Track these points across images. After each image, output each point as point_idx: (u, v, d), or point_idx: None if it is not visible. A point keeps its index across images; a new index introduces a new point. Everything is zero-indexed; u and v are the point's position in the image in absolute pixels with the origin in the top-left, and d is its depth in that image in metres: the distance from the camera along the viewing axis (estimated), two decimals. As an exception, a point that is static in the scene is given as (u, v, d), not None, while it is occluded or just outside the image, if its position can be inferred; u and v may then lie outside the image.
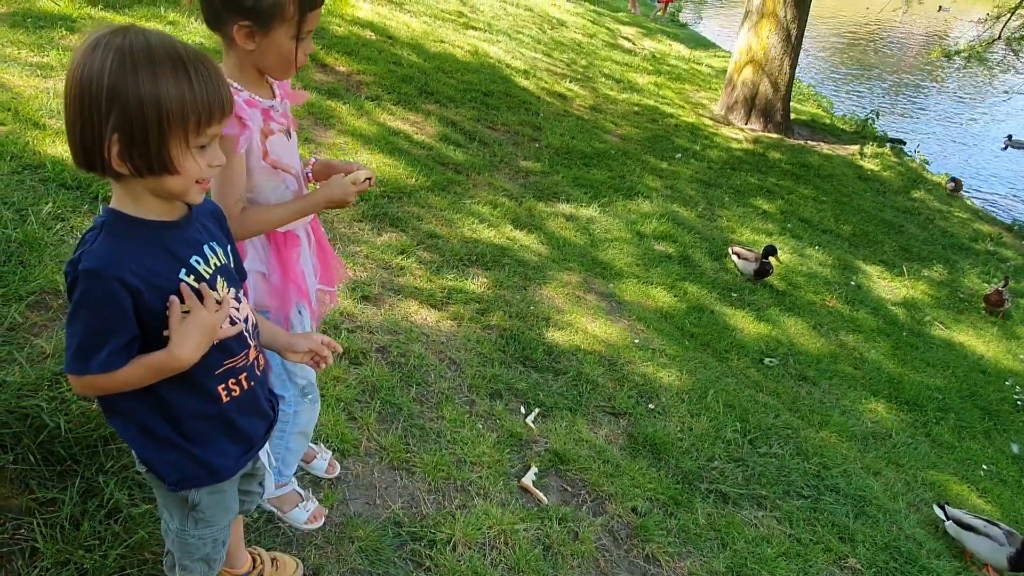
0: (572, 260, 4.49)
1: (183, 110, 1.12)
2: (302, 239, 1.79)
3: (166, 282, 1.20)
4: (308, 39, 1.60)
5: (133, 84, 1.09)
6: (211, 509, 1.39)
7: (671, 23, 15.04)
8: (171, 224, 1.24)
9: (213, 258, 1.29)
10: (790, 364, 4.42)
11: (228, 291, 1.31)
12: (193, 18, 5.56)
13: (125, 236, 1.18)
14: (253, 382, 1.38)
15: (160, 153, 1.13)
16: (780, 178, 7.64)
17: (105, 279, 1.13)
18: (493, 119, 6.29)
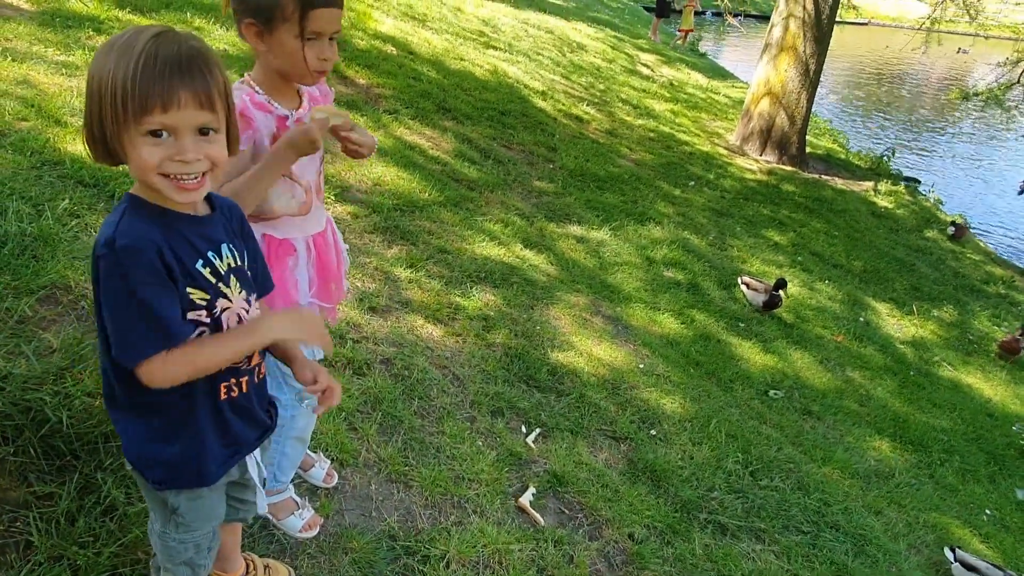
0: (581, 282, 4.49)
1: (114, 95, 1.09)
2: (299, 250, 1.77)
3: (186, 268, 1.19)
4: (323, 42, 1.58)
5: (91, 71, 1.12)
6: (191, 514, 1.37)
7: (690, 52, 15.14)
8: (191, 217, 1.23)
9: (228, 258, 1.28)
10: (795, 397, 4.38)
11: (240, 292, 1.29)
12: (218, 24, 5.64)
13: (148, 219, 1.17)
14: (251, 388, 1.37)
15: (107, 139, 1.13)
16: (793, 211, 7.64)
17: (146, 253, 1.12)
18: (509, 138, 6.34)
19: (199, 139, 1.14)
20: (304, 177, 1.72)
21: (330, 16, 1.57)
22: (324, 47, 1.58)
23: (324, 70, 1.61)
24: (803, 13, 8.54)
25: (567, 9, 13.96)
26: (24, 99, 3.46)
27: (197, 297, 1.20)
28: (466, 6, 10.18)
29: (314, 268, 1.82)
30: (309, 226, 1.78)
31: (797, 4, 8.56)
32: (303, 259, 1.78)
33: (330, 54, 1.60)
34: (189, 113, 1.11)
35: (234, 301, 1.28)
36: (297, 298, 1.79)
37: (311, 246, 1.80)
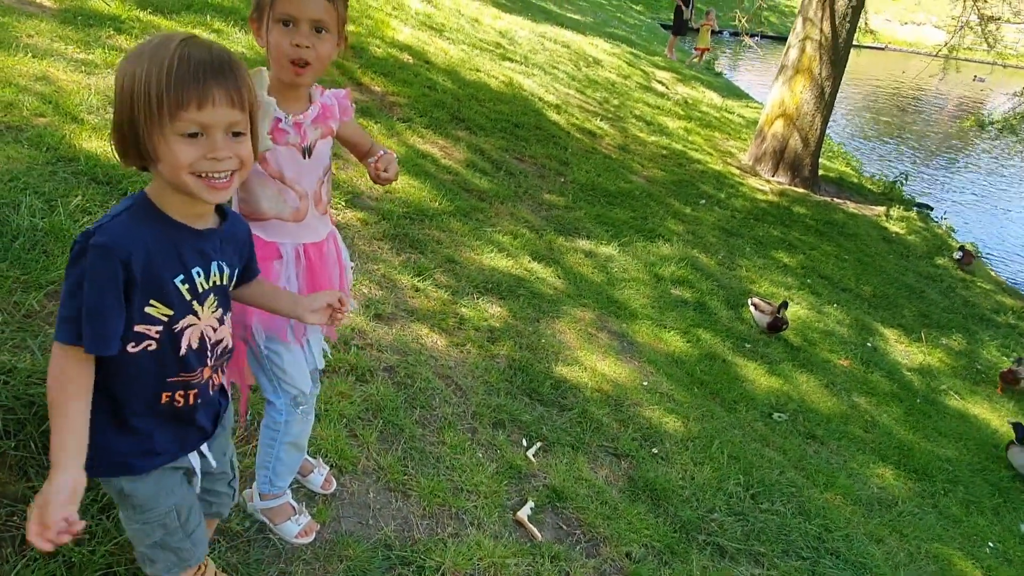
0: (588, 297, 4.48)
1: (147, 96, 1.12)
2: (287, 256, 1.74)
3: (161, 281, 1.21)
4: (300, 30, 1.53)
5: (119, 74, 1.15)
6: (140, 495, 1.35)
7: (706, 71, 15.17)
8: (190, 231, 1.25)
9: (215, 276, 1.30)
10: (799, 421, 4.35)
11: (216, 311, 1.33)
12: (237, 28, 5.69)
13: (143, 224, 1.20)
14: (200, 400, 1.37)
15: (139, 140, 1.15)
16: (803, 233, 7.62)
17: (111, 256, 1.14)
18: (521, 150, 6.35)
19: (230, 139, 1.18)
20: (300, 184, 1.70)
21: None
22: (300, 34, 1.53)
23: (297, 57, 1.54)
24: (820, 36, 8.55)
25: (584, 24, 14.02)
26: (42, 95, 3.50)
27: (158, 312, 1.22)
28: (484, 17, 10.23)
29: (304, 278, 1.79)
30: (302, 234, 1.75)
31: (814, 27, 8.57)
32: (290, 266, 1.75)
33: (306, 41, 1.53)
34: (222, 111, 1.15)
35: (202, 319, 1.30)
36: None
37: (301, 255, 1.77)
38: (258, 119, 1.25)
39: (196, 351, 1.31)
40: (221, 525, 1.99)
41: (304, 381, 1.88)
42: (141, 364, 1.25)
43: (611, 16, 17.74)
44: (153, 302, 1.21)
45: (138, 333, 1.21)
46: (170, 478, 1.40)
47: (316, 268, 1.80)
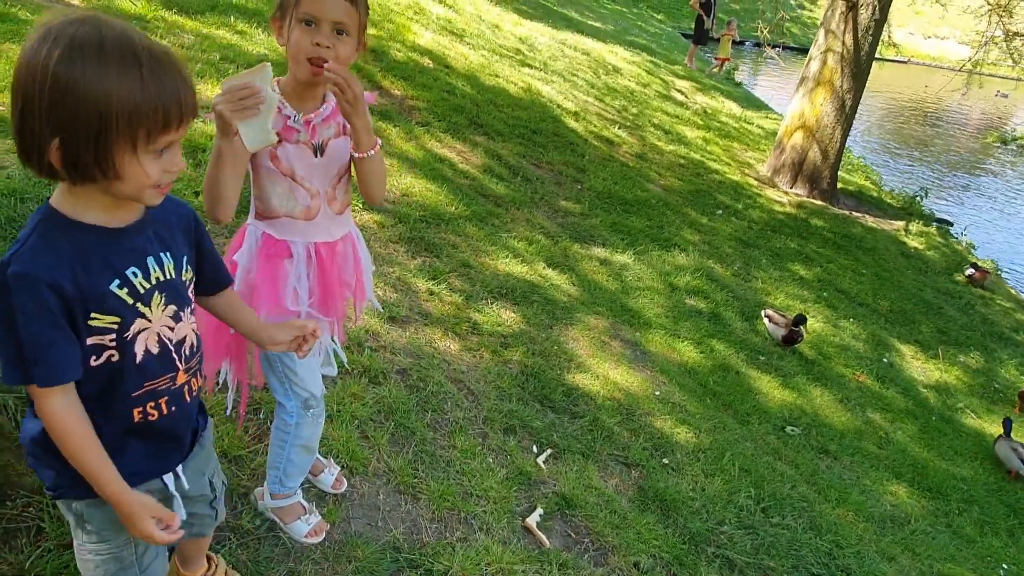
0: (601, 304, 4.48)
1: (130, 115, 1.04)
2: (297, 255, 1.74)
3: (96, 292, 1.13)
4: (321, 30, 1.54)
5: (77, 82, 1.01)
6: (97, 522, 1.28)
7: (726, 81, 15.12)
8: (112, 231, 1.16)
9: (156, 271, 1.20)
10: (812, 435, 4.32)
11: (165, 308, 1.23)
12: (260, 29, 5.75)
13: (58, 239, 1.10)
14: (175, 407, 1.29)
15: (101, 159, 1.06)
16: (820, 246, 7.57)
17: (35, 283, 1.06)
18: (539, 156, 6.36)
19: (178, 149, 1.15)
20: (311, 182, 1.71)
21: (322, 0, 1.53)
22: (321, 35, 1.54)
23: (316, 56, 1.55)
24: (842, 48, 8.50)
25: (605, 32, 14.03)
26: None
27: (105, 323, 1.15)
28: (504, 24, 10.27)
29: (315, 278, 1.79)
30: (313, 233, 1.75)
31: (836, 39, 8.53)
32: (300, 264, 1.75)
33: (326, 42, 1.54)
34: (189, 120, 1.12)
35: (154, 321, 1.21)
36: (289, 306, 1.75)
37: (312, 254, 1.77)
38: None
39: (158, 356, 1.23)
40: (232, 522, 2.00)
41: (315, 384, 1.89)
42: (107, 380, 1.19)
43: (632, 24, 17.75)
44: (95, 315, 1.13)
45: (93, 345, 1.15)
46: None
47: (327, 268, 1.80)
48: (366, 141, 1.65)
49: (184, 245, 1.28)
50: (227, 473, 2.13)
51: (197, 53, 4.89)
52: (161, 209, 1.23)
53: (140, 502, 1.20)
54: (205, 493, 1.48)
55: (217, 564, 1.76)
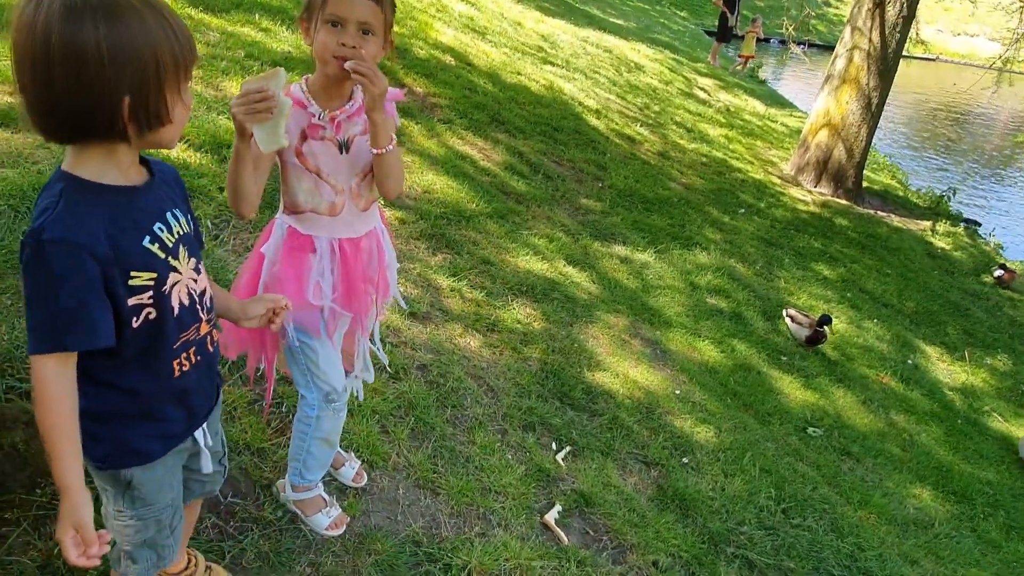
0: (621, 303, 4.47)
1: (174, 55, 1.09)
2: (321, 250, 1.76)
3: (130, 254, 1.15)
4: (347, 30, 1.56)
5: (124, 38, 1.04)
6: (147, 486, 1.32)
7: (749, 78, 14.98)
8: (133, 189, 1.18)
9: (176, 226, 1.24)
10: (834, 437, 4.27)
11: (188, 260, 1.27)
12: (284, 26, 5.80)
13: (89, 204, 1.11)
14: (200, 357, 1.33)
15: (159, 105, 1.10)
16: (845, 245, 7.47)
17: (72, 247, 1.07)
18: (560, 154, 6.35)
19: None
20: (336, 178, 1.72)
21: (349, 0, 1.55)
22: (347, 34, 1.56)
23: (341, 56, 1.57)
24: (869, 46, 8.39)
25: (627, 29, 13.96)
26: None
27: (143, 280, 1.17)
28: (526, 21, 10.26)
29: (339, 273, 1.81)
30: (338, 229, 1.77)
31: (863, 36, 8.41)
32: (324, 259, 1.77)
33: (352, 42, 1.56)
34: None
35: (183, 272, 1.25)
36: (312, 300, 1.77)
37: (336, 249, 1.79)
38: None
39: (187, 307, 1.26)
40: (254, 513, 2.03)
41: (337, 378, 1.91)
42: (148, 338, 1.21)
43: (655, 22, 17.65)
44: (134, 273, 1.15)
45: (134, 306, 1.17)
46: (175, 466, 1.39)
47: (351, 263, 1.82)
48: (383, 138, 1.66)
49: (184, 204, 1.31)
50: (250, 465, 2.16)
51: (222, 51, 4.94)
52: (160, 172, 1.27)
53: (75, 508, 1.14)
54: (217, 449, 1.51)
55: (197, 560, 1.75)
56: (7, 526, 1.66)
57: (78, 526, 1.13)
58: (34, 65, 1.04)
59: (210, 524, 1.95)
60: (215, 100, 4.22)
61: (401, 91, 1.82)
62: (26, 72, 1.05)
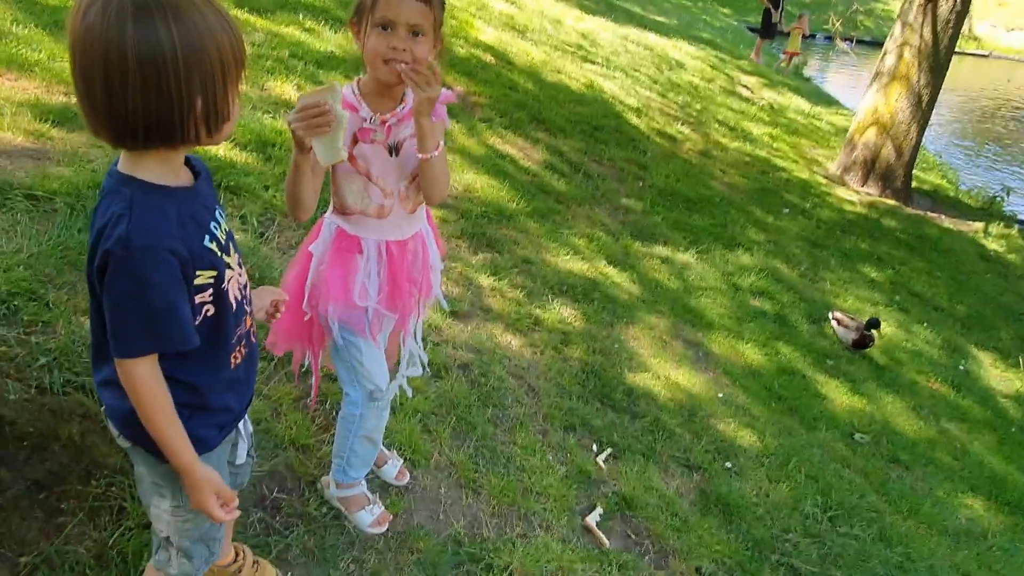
0: (663, 303, 4.41)
1: (234, 53, 1.09)
2: (368, 251, 1.77)
3: (198, 252, 1.17)
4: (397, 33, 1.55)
5: (193, 37, 1.03)
6: None
7: (794, 75, 14.68)
8: (188, 190, 1.19)
9: (223, 223, 1.27)
10: (882, 443, 4.16)
11: (235, 256, 1.29)
12: (328, 26, 5.87)
13: (160, 207, 1.12)
14: (247, 349, 1.36)
15: (225, 104, 1.11)
16: (893, 247, 7.27)
17: (162, 253, 1.09)
18: (600, 153, 6.31)
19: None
20: (385, 181, 1.73)
21: (398, 4, 1.55)
22: (397, 38, 1.57)
23: (390, 58, 1.57)
24: (920, 42, 8.14)
25: (668, 26, 13.81)
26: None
27: (206, 278, 1.19)
28: (566, 19, 10.21)
29: (385, 275, 1.81)
30: (386, 231, 1.78)
31: (914, 32, 8.17)
32: (371, 261, 1.78)
33: (402, 45, 1.56)
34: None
35: (234, 268, 1.27)
36: (357, 301, 1.78)
37: (383, 251, 1.79)
38: None
39: (239, 301, 1.29)
40: (299, 509, 2.05)
41: (382, 377, 1.91)
42: (211, 333, 1.23)
43: (696, 18, 17.43)
44: (199, 272, 1.17)
45: (198, 304, 1.20)
46: (224, 453, 1.41)
47: (397, 265, 1.83)
48: (430, 142, 1.66)
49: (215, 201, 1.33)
50: (295, 461, 2.19)
51: (267, 51, 5.02)
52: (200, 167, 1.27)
53: (208, 476, 1.25)
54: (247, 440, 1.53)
55: (245, 554, 1.77)
56: (63, 516, 1.70)
57: (217, 490, 1.25)
58: (107, 70, 1.01)
59: (257, 519, 1.98)
60: (260, 100, 4.29)
61: (453, 92, 1.81)
62: (96, 78, 1.02)
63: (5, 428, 1.64)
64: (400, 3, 1.56)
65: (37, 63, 3.64)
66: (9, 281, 2.13)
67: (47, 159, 2.93)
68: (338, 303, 1.79)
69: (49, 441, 1.71)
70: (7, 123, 3.03)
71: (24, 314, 2.06)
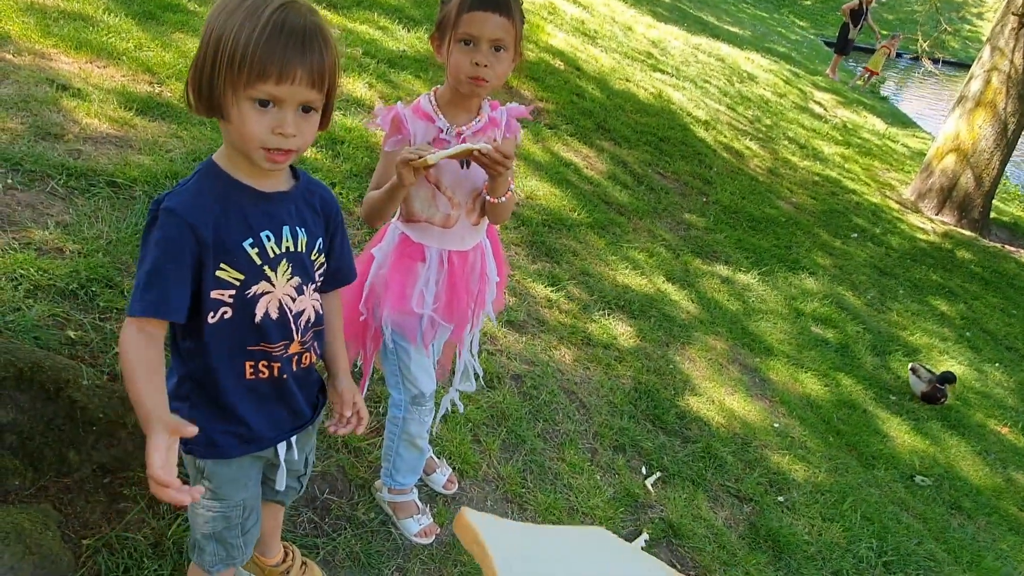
0: (721, 325, 4.31)
1: (232, 53, 1.08)
2: (430, 260, 1.78)
3: (229, 245, 1.19)
4: (479, 48, 1.57)
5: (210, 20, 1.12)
6: (217, 479, 1.35)
7: (870, 94, 14.22)
8: (259, 194, 1.22)
9: (287, 241, 1.25)
10: (944, 488, 3.97)
11: (290, 278, 1.27)
12: (401, 25, 5.93)
13: (211, 189, 1.19)
14: (285, 375, 1.33)
15: (210, 91, 1.12)
16: (966, 280, 6.96)
17: (180, 221, 1.14)
18: (664, 166, 6.22)
19: (300, 115, 1.15)
20: (454, 192, 1.73)
21: (482, 19, 1.56)
22: (479, 53, 1.58)
23: (476, 76, 1.59)
24: (1009, 67, 7.78)
25: (742, 37, 13.54)
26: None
27: (229, 276, 1.20)
28: (637, 26, 10.11)
29: (444, 284, 1.82)
30: (449, 240, 1.78)
31: (1004, 57, 7.81)
32: (432, 269, 1.79)
33: (484, 60, 1.58)
34: (299, 90, 1.12)
35: (277, 287, 1.25)
36: (414, 308, 1.79)
37: (444, 261, 1.80)
38: (335, 94, 1.22)
39: (277, 321, 1.27)
40: (348, 512, 2.07)
41: (427, 383, 1.92)
42: (223, 334, 1.23)
43: (772, 30, 17.04)
44: (223, 265, 1.18)
45: (214, 300, 1.20)
46: (251, 468, 1.41)
47: (458, 276, 1.83)
48: (501, 189, 1.69)
49: (321, 229, 1.33)
50: (346, 464, 2.21)
51: (341, 48, 5.10)
52: (307, 190, 1.30)
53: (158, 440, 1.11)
54: (298, 468, 1.53)
55: (294, 555, 1.78)
56: (125, 502, 1.75)
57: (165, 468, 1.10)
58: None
59: (306, 519, 2.00)
60: (333, 96, 4.35)
61: (527, 108, 1.80)
62: None
63: (77, 412, 1.70)
64: (483, 20, 1.57)
65: (125, 52, 3.77)
66: (89, 267, 2.21)
67: (129, 147, 3.03)
68: (394, 308, 1.80)
69: (116, 427, 1.76)
70: (94, 110, 3.14)
71: (100, 300, 2.13)
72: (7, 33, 3.49)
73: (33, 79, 3.18)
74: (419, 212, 1.75)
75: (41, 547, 1.48)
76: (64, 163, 2.68)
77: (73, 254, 2.27)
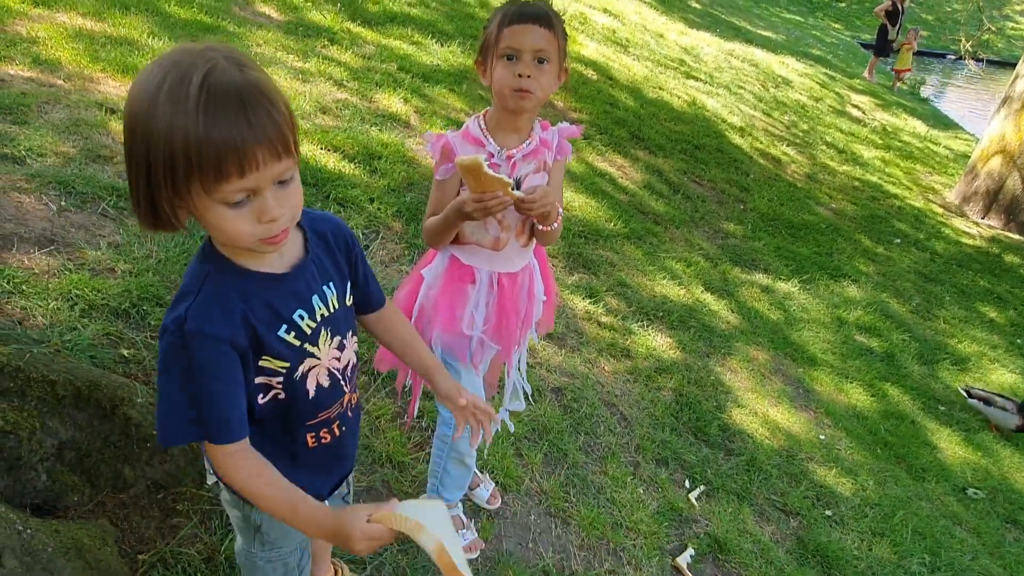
0: (762, 335, 4.25)
1: (174, 155, 0.92)
2: (480, 281, 1.78)
3: (265, 343, 1.10)
4: (523, 61, 1.58)
5: (131, 112, 0.96)
6: (274, 531, 1.32)
7: (910, 96, 13.93)
8: (277, 277, 1.12)
9: (321, 309, 1.17)
10: (998, 501, 3.85)
11: (331, 342, 1.20)
12: (434, 40, 5.99)
13: (228, 286, 1.07)
14: (344, 428, 1.31)
15: (153, 208, 0.98)
16: (1015, 285, 6.76)
17: (213, 341, 1.03)
18: (700, 174, 6.16)
19: (279, 191, 1.01)
20: (504, 215, 1.72)
21: (522, 31, 1.57)
22: (523, 65, 1.58)
23: (520, 87, 1.59)
24: (1057, 65, 7.58)
25: (776, 42, 13.39)
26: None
27: (275, 366, 1.13)
28: (669, 33, 10.06)
29: (494, 306, 1.82)
30: (498, 263, 1.79)
31: (1050, 54, 7.60)
32: (482, 291, 1.79)
33: (527, 71, 1.58)
34: (267, 170, 0.96)
35: (323, 358, 1.19)
36: (464, 330, 1.80)
37: (494, 283, 1.80)
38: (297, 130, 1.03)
39: (329, 388, 1.22)
40: (393, 527, 2.07)
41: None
42: (276, 413, 1.18)
43: (807, 34, 16.82)
44: (266, 357, 1.12)
45: (261, 385, 1.14)
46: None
47: (507, 298, 1.83)
48: (550, 218, 1.70)
49: (344, 264, 1.26)
50: (390, 478, 2.22)
51: (376, 63, 5.18)
52: (316, 236, 1.20)
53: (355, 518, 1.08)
54: (344, 491, 1.51)
55: (343, 572, 1.78)
56: (178, 517, 1.78)
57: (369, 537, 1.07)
58: None
59: (353, 534, 2.01)
60: (368, 111, 4.42)
61: (578, 127, 1.81)
62: None
63: (132, 429, 1.74)
64: (524, 31, 1.58)
65: (170, 74, 3.87)
66: (140, 286, 2.26)
67: (176, 167, 3.10)
68: (445, 329, 1.81)
69: (169, 444, 1.79)
70: (142, 132, 3.23)
71: (151, 319, 2.18)
72: (58, 60, 3.62)
73: (83, 103, 3.29)
74: (469, 235, 1.76)
75: (100, 562, 1.52)
76: (114, 184, 2.76)
77: (124, 274, 2.33)
